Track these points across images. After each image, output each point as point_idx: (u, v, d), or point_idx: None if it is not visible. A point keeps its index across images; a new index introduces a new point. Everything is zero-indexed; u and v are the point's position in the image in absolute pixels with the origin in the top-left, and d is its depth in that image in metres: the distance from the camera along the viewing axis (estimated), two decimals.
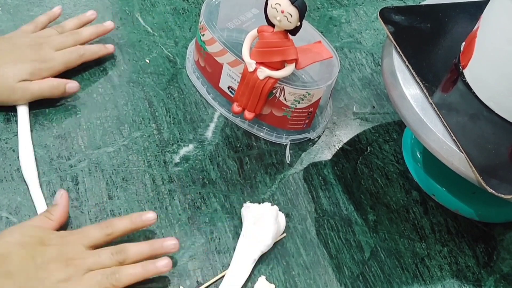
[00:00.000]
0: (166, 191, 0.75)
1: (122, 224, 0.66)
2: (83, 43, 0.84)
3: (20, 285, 0.59)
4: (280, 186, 0.78)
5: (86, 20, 0.87)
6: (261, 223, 0.69)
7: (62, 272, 0.61)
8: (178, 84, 0.86)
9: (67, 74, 0.81)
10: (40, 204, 0.70)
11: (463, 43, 0.74)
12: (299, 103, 0.77)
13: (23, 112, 0.76)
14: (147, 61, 0.88)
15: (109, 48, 0.86)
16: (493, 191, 0.63)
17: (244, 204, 0.72)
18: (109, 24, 0.87)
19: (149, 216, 0.68)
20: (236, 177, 0.78)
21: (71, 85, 0.79)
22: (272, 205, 0.71)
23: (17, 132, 0.75)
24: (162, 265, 0.65)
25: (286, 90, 0.76)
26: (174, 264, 0.67)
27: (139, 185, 0.75)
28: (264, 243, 0.69)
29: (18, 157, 0.73)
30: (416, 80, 0.71)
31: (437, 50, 0.76)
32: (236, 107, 0.79)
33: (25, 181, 0.71)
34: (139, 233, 0.70)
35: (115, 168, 0.75)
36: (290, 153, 0.81)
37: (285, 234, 0.73)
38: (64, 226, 0.69)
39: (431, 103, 0.69)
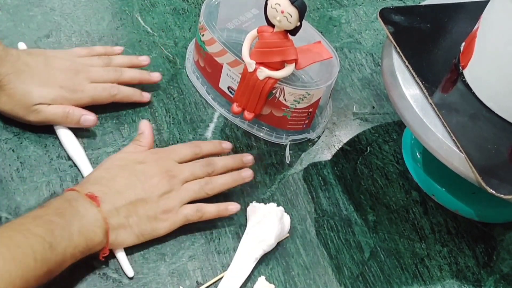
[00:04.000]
0: None
1: (207, 146, 0.75)
2: (121, 83, 0.80)
3: (131, 200, 0.66)
4: (279, 186, 0.78)
5: (136, 63, 0.83)
6: (265, 223, 0.69)
7: (165, 185, 0.69)
8: (177, 84, 0.86)
9: None
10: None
11: (463, 43, 0.74)
12: (298, 103, 0.77)
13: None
14: None
15: (145, 96, 0.81)
16: (493, 191, 0.63)
17: (250, 204, 0.72)
18: (156, 76, 0.83)
19: (228, 145, 0.77)
20: None
21: (87, 117, 0.75)
22: (278, 205, 0.71)
23: (18, 132, 0.75)
24: (247, 175, 0.74)
25: (286, 90, 0.76)
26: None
27: None
28: (266, 242, 0.69)
29: (17, 157, 0.73)
30: (416, 80, 0.71)
31: (437, 50, 0.76)
32: (235, 108, 0.79)
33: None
34: None
35: None
36: (289, 153, 0.81)
37: (288, 235, 0.73)
38: None
39: (431, 103, 0.69)
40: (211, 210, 0.71)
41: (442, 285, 0.73)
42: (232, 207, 0.72)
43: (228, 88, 0.81)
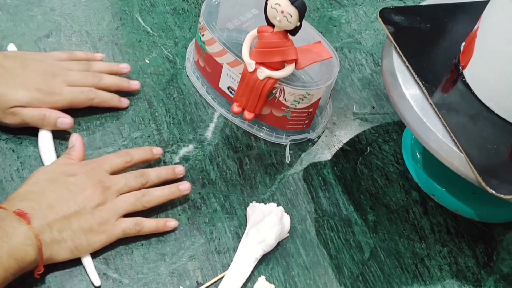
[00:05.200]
0: None
1: (138, 153, 0.73)
2: (100, 89, 0.78)
3: (64, 214, 0.64)
4: (279, 186, 0.78)
5: (116, 70, 0.82)
6: (265, 223, 0.69)
7: (98, 196, 0.66)
8: (178, 84, 0.86)
9: None
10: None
11: (463, 43, 0.74)
12: (299, 103, 0.77)
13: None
14: (147, 61, 0.88)
15: (124, 102, 0.81)
16: (493, 191, 0.63)
17: (250, 204, 0.72)
18: (135, 84, 0.82)
19: (158, 150, 0.75)
20: (235, 177, 0.78)
21: (63, 120, 0.74)
22: (278, 205, 0.71)
23: (18, 132, 0.75)
24: (185, 188, 0.73)
25: (286, 91, 0.76)
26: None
27: None
28: (266, 242, 0.69)
29: (17, 157, 0.73)
30: (416, 80, 0.71)
31: (437, 50, 0.76)
32: (236, 107, 0.79)
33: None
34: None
35: None
36: (290, 153, 0.81)
37: (288, 235, 0.73)
38: None
39: (431, 103, 0.69)
40: (150, 225, 0.69)
41: (442, 285, 0.73)
42: (171, 223, 0.70)
43: (228, 88, 0.81)
